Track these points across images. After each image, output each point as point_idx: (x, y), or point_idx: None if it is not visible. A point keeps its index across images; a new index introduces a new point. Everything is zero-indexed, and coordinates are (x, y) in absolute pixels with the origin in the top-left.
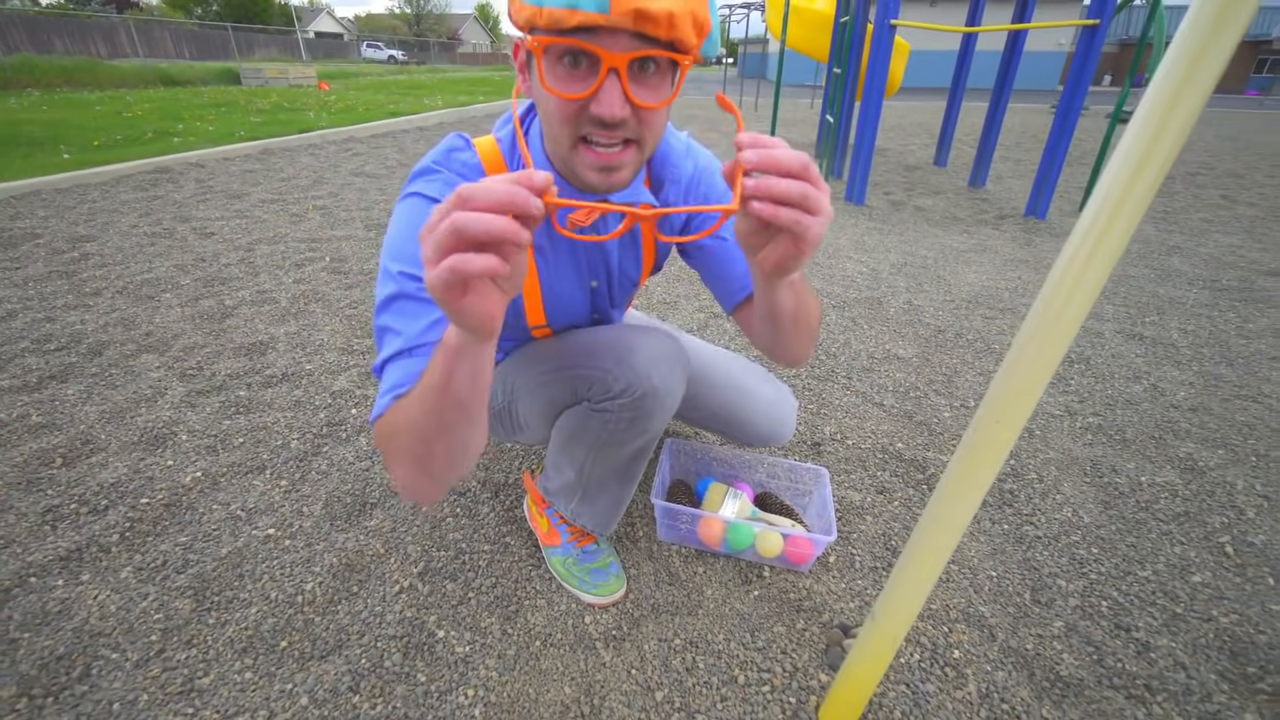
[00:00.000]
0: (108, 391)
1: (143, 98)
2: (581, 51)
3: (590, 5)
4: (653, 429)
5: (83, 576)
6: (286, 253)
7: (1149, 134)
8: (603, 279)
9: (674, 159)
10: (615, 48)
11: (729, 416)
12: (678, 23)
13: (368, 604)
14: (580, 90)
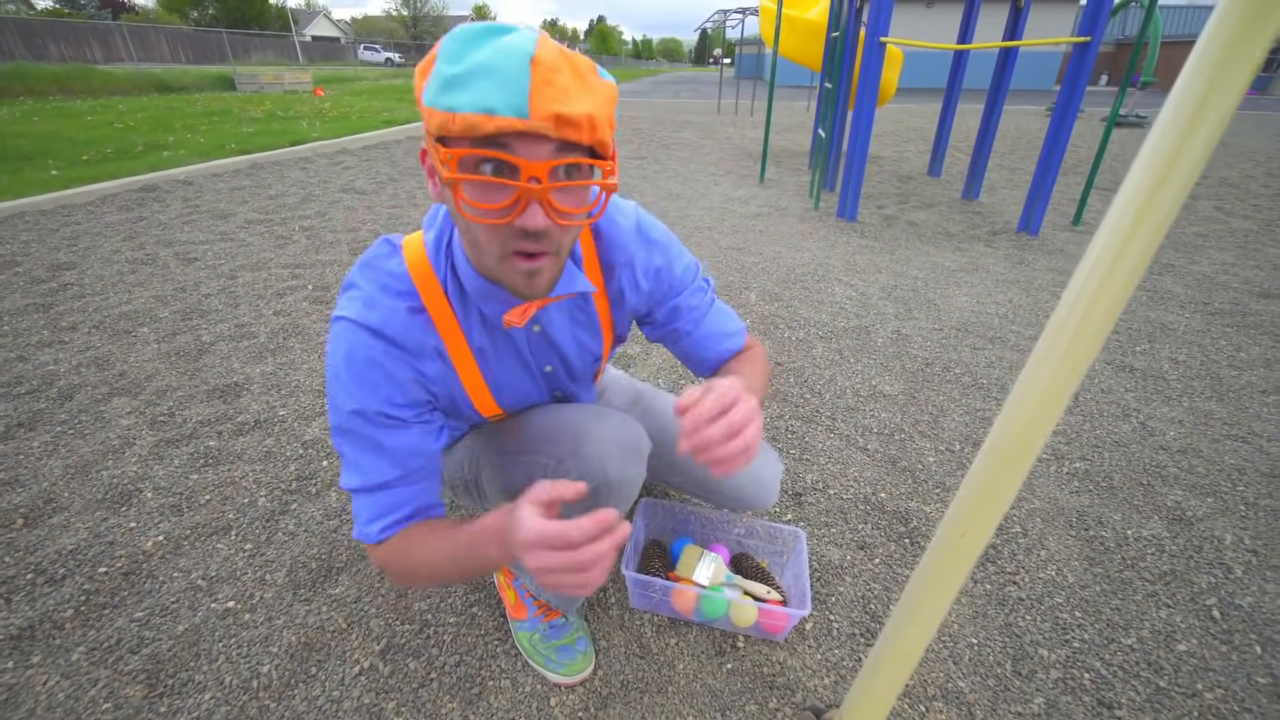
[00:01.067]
0: (75, 441)
1: (136, 106)
2: (501, 162)
3: (507, 110)
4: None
5: (34, 658)
6: (269, 280)
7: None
8: (556, 362)
9: (622, 241)
10: (536, 156)
11: (712, 484)
12: (598, 125)
13: (325, 688)
14: (501, 203)
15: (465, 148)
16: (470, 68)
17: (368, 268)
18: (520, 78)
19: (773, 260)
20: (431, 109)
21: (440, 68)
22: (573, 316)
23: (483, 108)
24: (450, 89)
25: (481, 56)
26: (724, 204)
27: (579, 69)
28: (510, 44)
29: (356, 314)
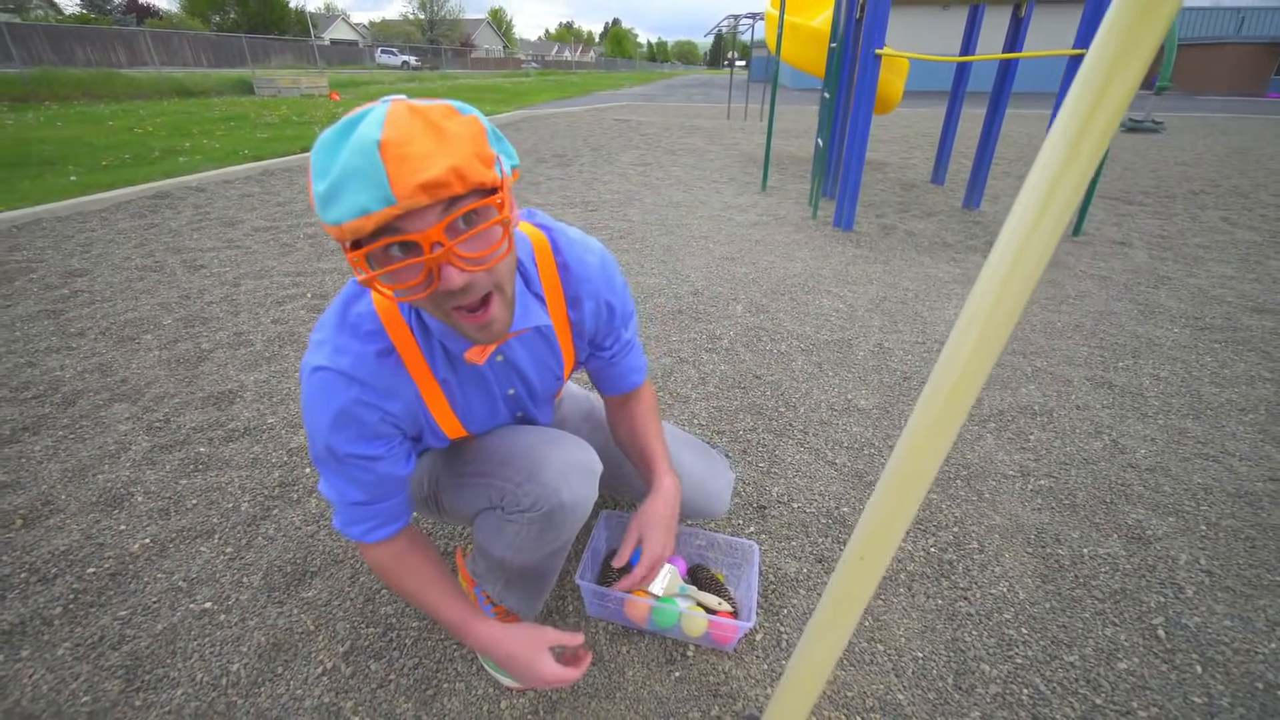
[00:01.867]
0: (75, 446)
1: (156, 110)
2: (402, 243)
3: (377, 204)
4: (564, 538)
5: (23, 652)
6: (270, 289)
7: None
8: (519, 385)
9: (588, 276)
10: (425, 224)
11: None
12: (464, 172)
13: (289, 686)
14: (413, 279)
15: (366, 246)
16: (334, 179)
17: (337, 312)
18: (375, 170)
19: (765, 271)
20: (324, 224)
21: (316, 185)
22: (533, 346)
23: (359, 211)
24: (327, 205)
25: (341, 162)
26: (723, 212)
27: (432, 125)
28: (359, 139)
29: (327, 360)
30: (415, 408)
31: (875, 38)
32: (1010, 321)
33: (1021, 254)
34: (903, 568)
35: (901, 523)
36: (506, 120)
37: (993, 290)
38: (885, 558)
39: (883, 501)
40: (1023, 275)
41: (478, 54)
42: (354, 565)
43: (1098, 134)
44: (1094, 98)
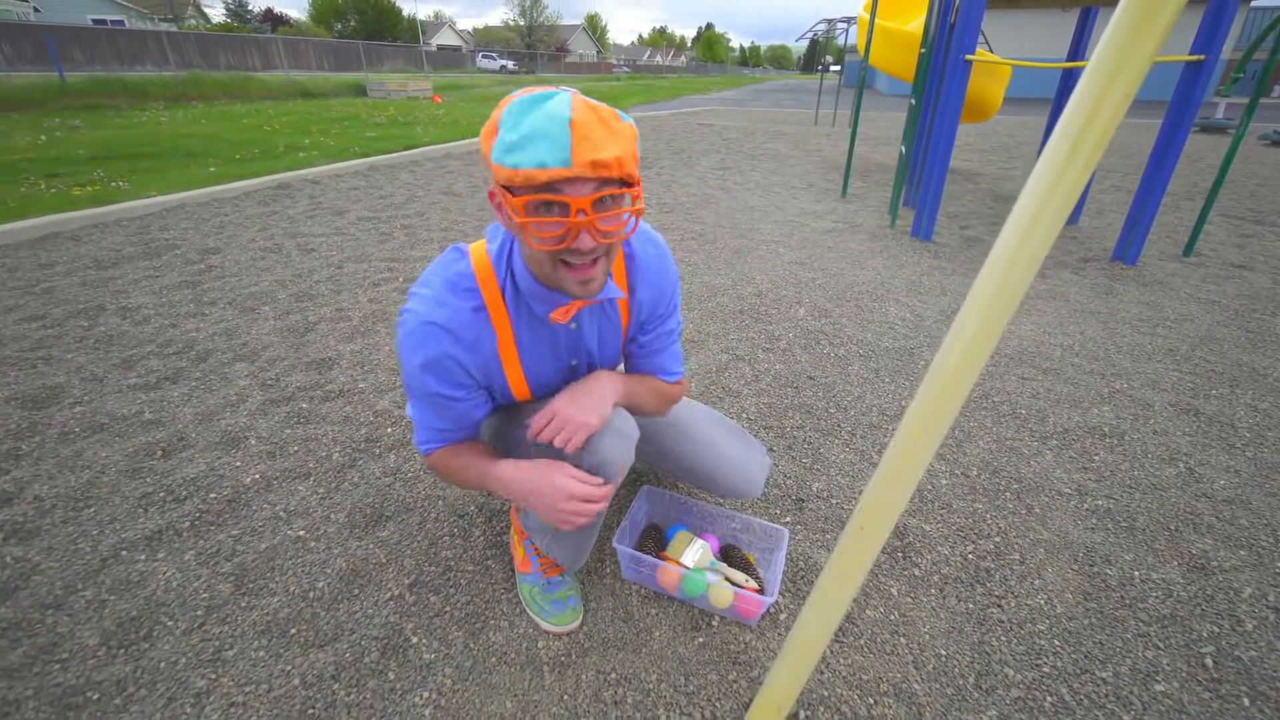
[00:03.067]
0: (204, 395)
1: (282, 110)
2: (554, 202)
3: (556, 162)
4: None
5: (159, 554)
6: (368, 272)
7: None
8: (582, 359)
9: (649, 266)
10: (581, 193)
11: (698, 470)
12: (624, 162)
13: (362, 606)
14: (556, 232)
15: (528, 194)
16: (526, 133)
17: (440, 269)
18: (563, 137)
19: (833, 277)
20: (499, 165)
21: (503, 134)
22: (601, 322)
23: (538, 163)
24: (512, 151)
25: (532, 123)
26: (798, 218)
27: (605, 120)
28: (553, 111)
29: (427, 311)
30: (491, 362)
31: (966, 43)
32: (1007, 313)
33: (1018, 252)
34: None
35: (900, 498)
36: None
37: (992, 284)
38: (885, 530)
39: (884, 478)
40: (1020, 271)
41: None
42: (422, 513)
43: (1096, 136)
44: (1093, 102)
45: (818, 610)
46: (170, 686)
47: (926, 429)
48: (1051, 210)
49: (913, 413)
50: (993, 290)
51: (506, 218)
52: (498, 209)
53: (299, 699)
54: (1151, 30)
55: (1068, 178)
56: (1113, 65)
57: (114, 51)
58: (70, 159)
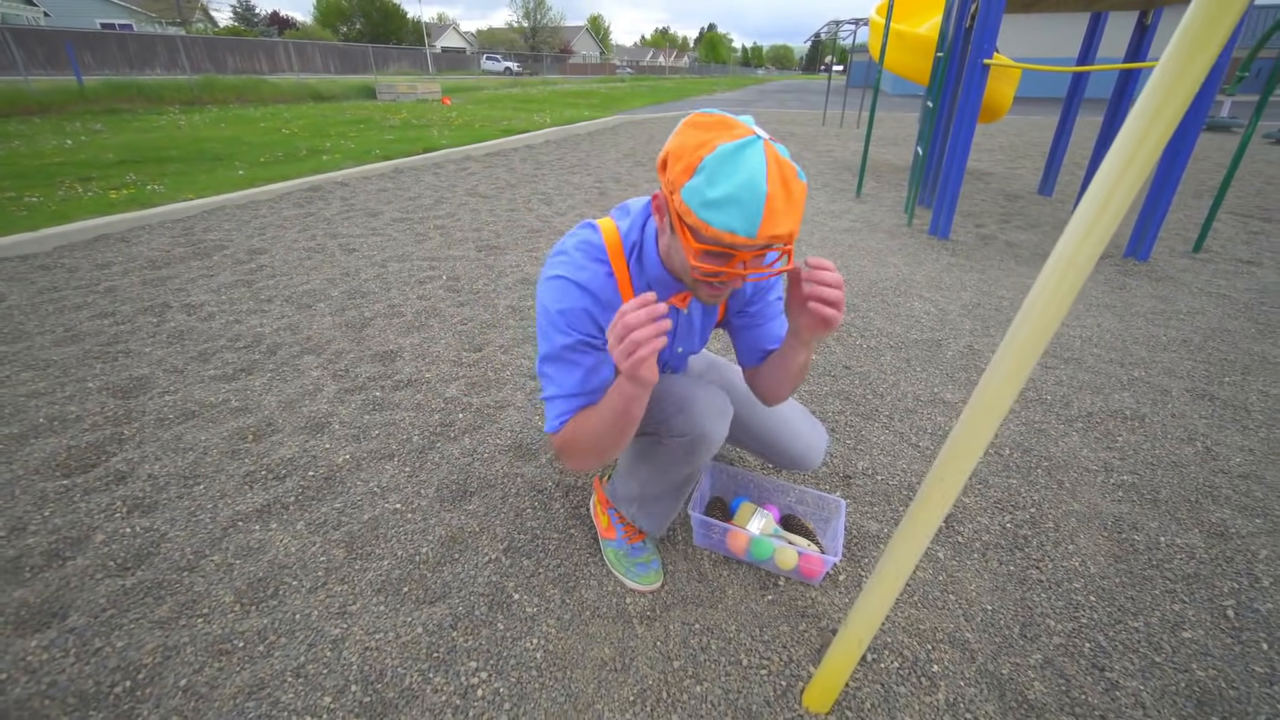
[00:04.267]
0: (282, 385)
1: (297, 114)
2: (726, 253)
3: (744, 234)
4: (698, 462)
5: (271, 525)
6: (412, 270)
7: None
8: (686, 344)
9: None
10: (749, 250)
11: (768, 439)
12: (793, 234)
13: (465, 568)
14: (726, 270)
15: (709, 244)
16: (725, 196)
17: (576, 240)
18: (756, 214)
19: (857, 274)
20: (691, 211)
21: (701, 184)
22: (706, 313)
23: (729, 229)
24: (709, 208)
25: (733, 187)
26: (815, 218)
27: (789, 189)
28: (753, 180)
29: (570, 273)
30: None
31: (985, 47)
32: (1079, 281)
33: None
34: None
35: (974, 453)
36: (604, 126)
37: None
38: (960, 481)
39: (962, 435)
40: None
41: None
42: (504, 489)
43: (1153, 143)
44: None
45: (903, 542)
46: (309, 635)
47: (1001, 391)
48: (1110, 213)
49: (987, 378)
50: (1063, 267)
51: (670, 229)
52: (659, 212)
53: (424, 644)
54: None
55: (1125, 183)
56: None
57: (124, 56)
58: (99, 163)
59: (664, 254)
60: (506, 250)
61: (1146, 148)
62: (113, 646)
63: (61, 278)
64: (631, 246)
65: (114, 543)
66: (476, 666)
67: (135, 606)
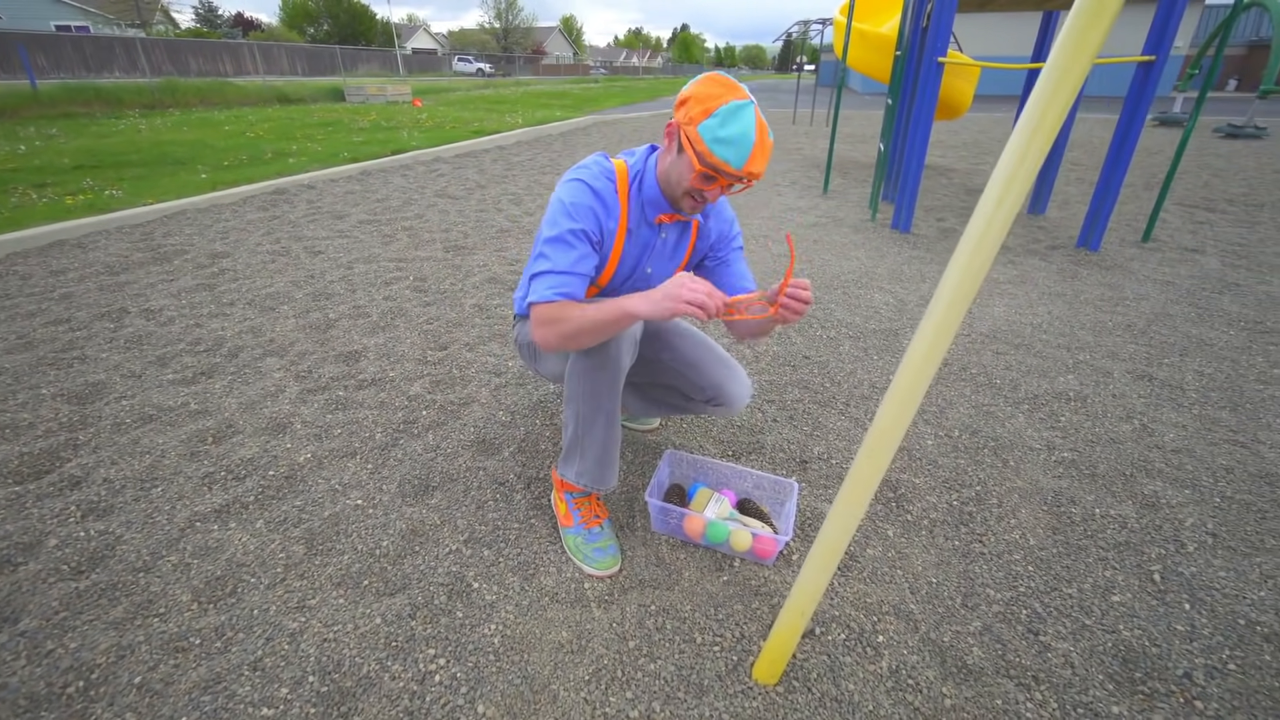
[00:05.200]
0: (243, 387)
1: (263, 116)
2: (716, 176)
3: (736, 165)
4: (606, 380)
5: (230, 524)
6: (378, 272)
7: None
8: (655, 268)
9: (714, 207)
10: (730, 179)
11: (692, 361)
12: (762, 173)
13: (425, 560)
14: (709, 188)
15: (709, 168)
16: (730, 136)
17: (593, 163)
18: (745, 153)
19: (820, 268)
20: (702, 140)
21: (714, 124)
22: (680, 235)
23: (725, 159)
24: (718, 143)
25: (736, 131)
26: (783, 213)
27: (765, 142)
28: (749, 129)
29: (588, 178)
30: (610, 236)
31: (938, 46)
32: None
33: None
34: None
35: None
36: (577, 126)
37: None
38: (887, 456)
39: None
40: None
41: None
42: (465, 483)
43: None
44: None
45: (838, 517)
46: (266, 629)
47: (921, 368)
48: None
49: (910, 355)
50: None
51: (676, 150)
52: (670, 136)
53: (383, 634)
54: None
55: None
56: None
57: (80, 58)
58: (55, 168)
59: (662, 174)
60: (474, 250)
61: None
62: (65, 648)
63: (14, 284)
64: (635, 175)
65: (67, 546)
66: (435, 654)
67: (89, 609)
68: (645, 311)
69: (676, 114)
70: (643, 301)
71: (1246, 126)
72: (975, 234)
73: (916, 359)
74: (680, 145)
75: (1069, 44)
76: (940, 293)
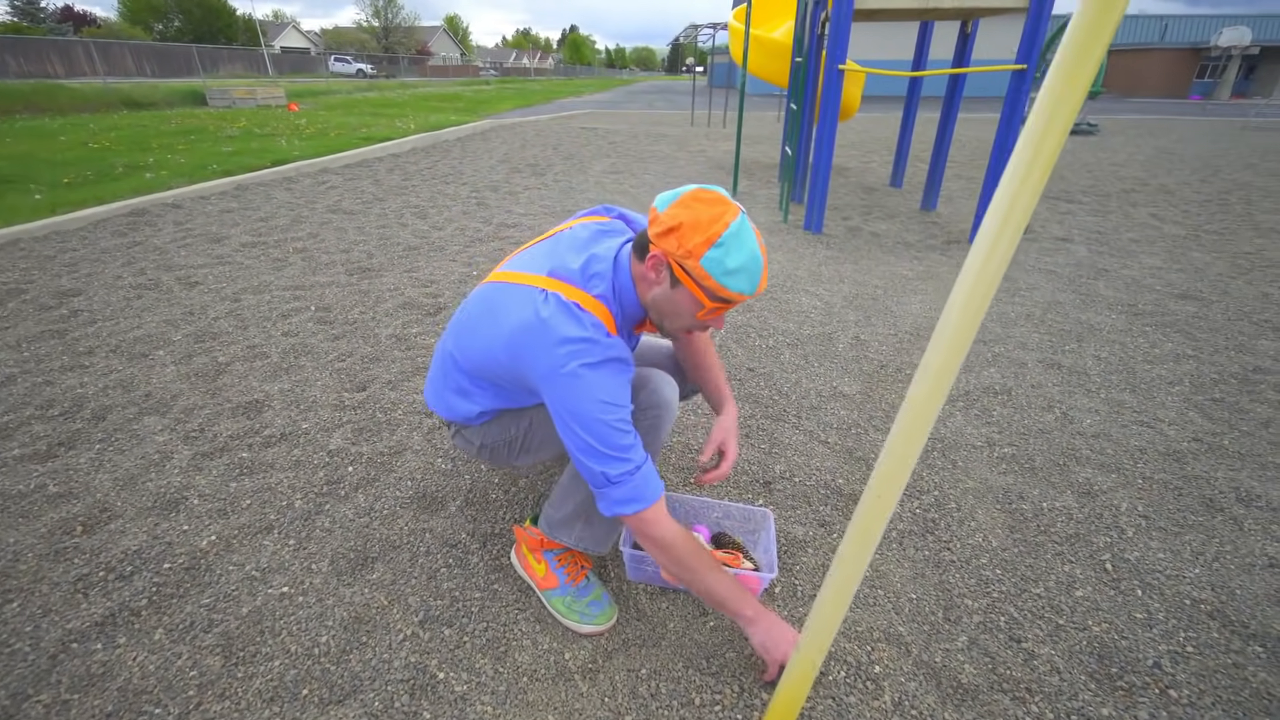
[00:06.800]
0: (117, 457)
1: (107, 124)
2: (728, 308)
3: (750, 294)
4: (663, 436)
5: (119, 640)
6: (272, 302)
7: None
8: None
9: None
10: (734, 305)
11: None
12: None
13: (376, 652)
14: (715, 317)
15: (723, 304)
16: (741, 267)
17: (574, 325)
18: (758, 277)
19: None
20: (712, 277)
21: (721, 255)
22: None
23: (741, 291)
24: (730, 276)
25: (746, 259)
26: None
27: (766, 256)
28: (757, 254)
29: (599, 355)
30: None
31: (838, 54)
32: (990, 290)
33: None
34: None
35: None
36: (475, 131)
37: (975, 266)
38: (896, 494)
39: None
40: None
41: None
42: (411, 549)
43: (1053, 143)
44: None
45: (845, 564)
46: None
47: (925, 404)
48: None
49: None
50: (973, 278)
51: (669, 283)
52: (657, 269)
53: None
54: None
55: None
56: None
57: None
58: None
59: (649, 304)
60: (382, 272)
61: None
62: None
63: None
64: (616, 305)
65: None
66: None
67: None
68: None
69: (663, 244)
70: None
71: (1081, 124)
72: (974, 268)
73: (919, 400)
74: (674, 279)
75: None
76: (940, 335)
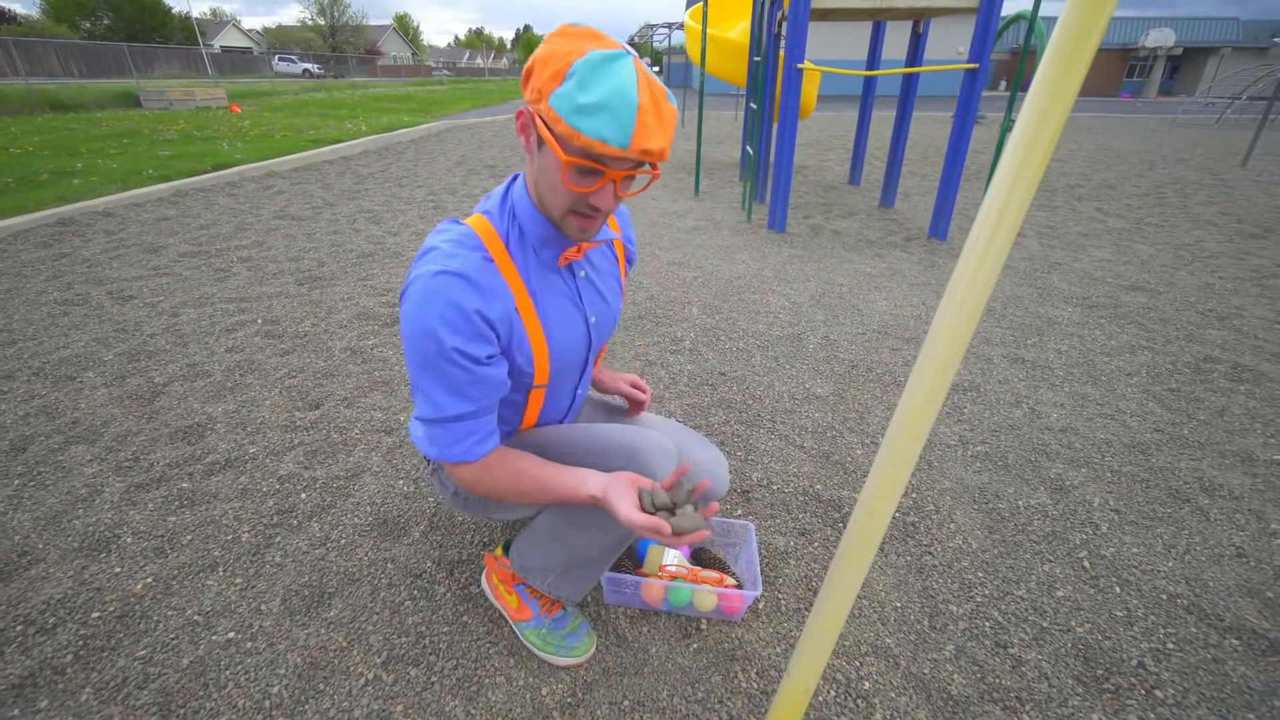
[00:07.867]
0: (39, 493)
1: (31, 127)
2: (597, 168)
3: (616, 143)
4: None
5: (40, 703)
6: (215, 316)
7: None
8: (600, 314)
9: (623, 211)
10: (620, 167)
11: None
12: (665, 151)
13: (335, 700)
14: (589, 187)
15: (579, 156)
16: (596, 101)
17: (438, 237)
18: (628, 121)
19: (711, 273)
20: (561, 118)
21: (571, 89)
22: (605, 259)
23: (600, 137)
24: (581, 114)
25: (604, 92)
26: (662, 218)
27: (659, 107)
28: (624, 87)
29: (440, 265)
30: (510, 316)
31: (796, 54)
32: (981, 301)
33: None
34: None
35: (901, 482)
36: (429, 132)
37: (965, 278)
38: (889, 511)
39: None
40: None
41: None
42: (372, 582)
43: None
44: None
45: (834, 591)
46: None
47: (918, 418)
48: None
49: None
50: (964, 288)
51: (536, 146)
52: (524, 132)
53: None
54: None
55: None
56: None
57: None
58: None
59: (534, 192)
60: (335, 281)
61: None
62: None
63: None
64: (505, 223)
65: None
66: None
67: None
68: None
69: (524, 94)
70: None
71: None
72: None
73: (910, 413)
74: (540, 139)
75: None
76: (929, 349)
